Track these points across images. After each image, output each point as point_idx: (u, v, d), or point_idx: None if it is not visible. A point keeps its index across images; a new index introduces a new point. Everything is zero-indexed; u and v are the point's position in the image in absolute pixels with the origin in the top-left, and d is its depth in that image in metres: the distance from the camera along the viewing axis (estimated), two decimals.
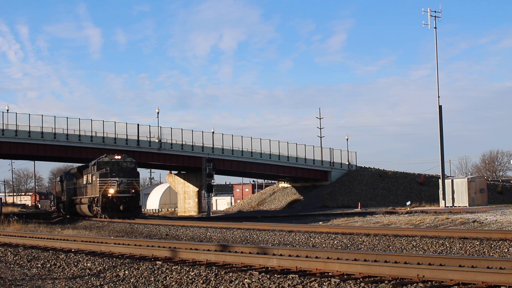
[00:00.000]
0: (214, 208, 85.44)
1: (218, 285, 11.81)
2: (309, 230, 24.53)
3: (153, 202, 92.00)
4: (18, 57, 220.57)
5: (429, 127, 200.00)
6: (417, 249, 18.49)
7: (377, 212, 43.35)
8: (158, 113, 61.94)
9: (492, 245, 17.50)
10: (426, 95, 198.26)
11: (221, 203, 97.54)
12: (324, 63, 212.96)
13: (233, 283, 11.69)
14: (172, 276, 12.82)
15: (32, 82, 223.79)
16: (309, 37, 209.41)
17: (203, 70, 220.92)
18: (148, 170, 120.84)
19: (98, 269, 14.45)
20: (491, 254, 16.86)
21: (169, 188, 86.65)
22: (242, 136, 66.10)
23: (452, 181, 51.02)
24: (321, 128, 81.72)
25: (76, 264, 15.40)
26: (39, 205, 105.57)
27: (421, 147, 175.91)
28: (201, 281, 12.16)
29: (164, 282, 12.61)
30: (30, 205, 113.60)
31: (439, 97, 50.74)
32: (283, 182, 77.49)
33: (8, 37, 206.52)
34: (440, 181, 50.88)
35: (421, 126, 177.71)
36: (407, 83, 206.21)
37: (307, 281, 11.04)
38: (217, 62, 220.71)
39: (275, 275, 11.68)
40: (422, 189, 67.57)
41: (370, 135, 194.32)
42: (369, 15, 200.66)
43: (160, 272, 13.22)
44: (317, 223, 34.84)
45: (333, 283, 10.72)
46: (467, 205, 48.94)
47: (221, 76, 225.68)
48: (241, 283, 11.59)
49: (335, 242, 21.24)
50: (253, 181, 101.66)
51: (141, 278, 13.11)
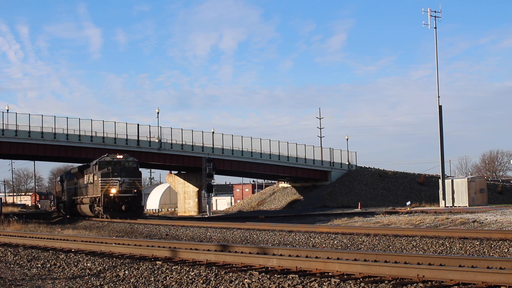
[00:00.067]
0: (214, 208, 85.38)
1: (218, 285, 11.81)
2: (309, 230, 24.53)
3: (153, 202, 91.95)
4: (18, 57, 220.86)
5: (429, 127, 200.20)
6: (417, 249, 18.49)
7: (377, 212, 43.35)
8: (158, 113, 61.99)
9: (492, 245, 17.50)
10: (426, 95, 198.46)
11: (221, 203, 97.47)
12: (324, 63, 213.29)
13: (233, 283, 11.69)
14: (172, 276, 12.83)
15: (32, 82, 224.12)
16: (309, 37, 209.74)
17: (203, 70, 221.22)
18: (148, 170, 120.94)
19: (98, 269, 14.46)
20: (491, 254, 16.86)
21: (169, 188, 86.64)
22: (242, 136, 66.13)
23: (452, 181, 51.02)
24: (321, 128, 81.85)
25: (76, 264, 15.40)
26: (39, 205, 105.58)
27: (421, 147, 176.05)
28: (201, 281, 12.16)
29: (164, 282, 12.62)
30: (30, 205, 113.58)
31: (439, 97, 50.78)
32: (283, 182, 77.47)
33: (8, 37, 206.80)
34: (440, 181, 50.87)
35: (421, 126, 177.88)
36: (407, 83, 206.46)
37: (307, 281, 11.04)
38: (217, 62, 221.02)
39: (275, 275, 11.68)
40: (422, 189, 67.56)
41: (370, 135, 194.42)
42: (369, 15, 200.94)
43: (160, 272, 13.23)
44: (317, 223, 34.84)
45: (333, 283, 10.72)
46: (467, 205, 48.93)
47: (221, 76, 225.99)
48: (241, 283, 11.59)
49: (335, 242, 21.24)
50: (253, 181, 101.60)
51: (141, 278, 13.12)
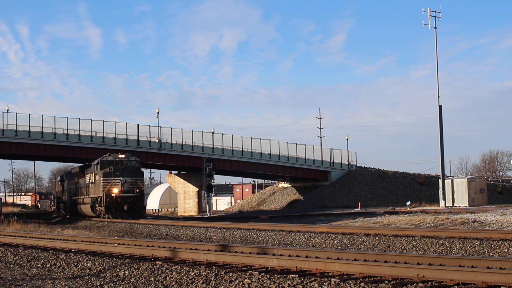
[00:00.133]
0: (214, 208, 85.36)
1: (218, 285, 11.81)
2: (309, 230, 24.53)
3: (153, 202, 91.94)
4: (18, 57, 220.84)
5: (429, 127, 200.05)
6: (417, 249, 18.49)
7: (377, 212, 43.34)
8: (158, 113, 62.00)
9: (492, 245, 17.50)
10: (426, 95, 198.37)
11: (221, 203, 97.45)
12: (324, 63, 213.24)
13: (233, 283, 11.69)
14: (172, 276, 12.83)
15: (32, 82, 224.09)
16: (309, 37, 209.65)
17: (203, 70, 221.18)
18: (148, 170, 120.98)
19: (98, 269, 14.46)
20: (491, 254, 16.86)
21: (169, 188, 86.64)
22: (242, 136, 66.12)
23: (452, 181, 51.01)
24: (321, 128, 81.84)
25: (76, 264, 15.40)
26: (39, 205, 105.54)
27: (421, 147, 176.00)
28: (201, 281, 12.16)
29: (164, 282, 12.61)
30: (30, 205, 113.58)
31: (439, 97, 50.76)
32: (283, 182, 77.47)
33: (8, 37, 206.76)
34: (440, 181, 50.86)
35: (421, 126, 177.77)
36: (407, 83, 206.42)
37: (307, 281, 11.04)
38: (217, 62, 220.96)
39: (275, 275, 11.68)
40: (422, 189, 67.56)
41: (370, 135, 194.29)
42: (369, 15, 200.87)
43: (160, 272, 13.23)
44: (317, 223, 34.84)
45: (333, 283, 10.72)
46: (467, 205, 48.93)
47: (221, 76, 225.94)
48: (241, 283, 11.59)
49: (335, 242, 21.24)
50: (253, 181, 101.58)
51: (141, 278, 13.11)
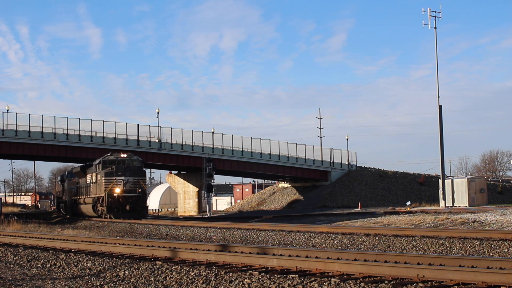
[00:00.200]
0: (214, 208, 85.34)
1: (218, 285, 11.81)
2: (309, 230, 24.53)
3: (153, 202, 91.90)
4: (18, 57, 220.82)
5: (429, 127, 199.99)
6: (417, 249, 18.49)
7: (377, 212, 43.34)
8: (158, 113, 61.98)
9: (492, 245, 17.50)
10: (426, 95, 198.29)
11: (221, 203, 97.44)
12: (324, 63, 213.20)
13: (233, 283, 11.69)
14: (172, 276, 12.82)
15: (32, 82, 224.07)
16: (309, 37, 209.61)
17: (203, 70, 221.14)
18: (148, 170, 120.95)
19: (98, 269, 14.45)
20: (491, 254, 16.86)
21: (169, 188, 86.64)
22: (242, 136, 66.09)
23: (452, 181, 51.00)
24: (321, 128, 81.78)
25: (76, 264, 15.40)
26: (39, 205, 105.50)
27: (421, 147, 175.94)
28: (201, 281, 12.16)
29: (164, 282, 12.61)
30: (30, 205, 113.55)
31: (439, 97, 50.74)
32: (283, 182, 77.45)
33: (8, 37, 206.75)
34: (440, 181, 50.85)
35: (421, 126, 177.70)
36: (407, 83, 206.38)
37: (307, 281, 11.04)
38: (217, 62, 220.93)
39: (275, 275, 11.68)
40: (422, 189, 67.54)
41: (370, 135, 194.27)
42: (369, 15, 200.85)
43: (160, 272, 13.22)
44: (317, 223, 34.83)
45: (333, 283, 10.72)
46: (467, 205, 48.92)
47: (221, 76, 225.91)
48: (241, 283, 11.58)
49: (335, 242, 21.24)
50: (253, 181, 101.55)
51: (141, 278, 13.11)
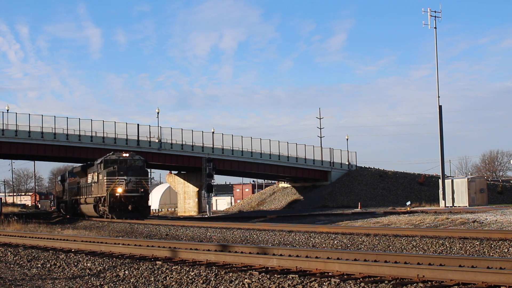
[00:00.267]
0: (214, 208, 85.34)
1: (218, 285, 11.81)
2: (309, 230, 24.53)
3: (153, 202, 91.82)
4: (18, 57, 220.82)
5: (429, 127, 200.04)
6: (417, 249, 18.49)
7: (377, 212, 43.34)
8: (158, 113, 62.01)
9: (492, 245, 17.49)
10: (426, 95, 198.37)
11: (221, 203, 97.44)
12: (324, 63, 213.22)
13: (233, 283, 11.68)
14: (172, 276, 12.82)
15: (32, 82, 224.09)
16: (309, 37, 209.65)
17: (203, 70, 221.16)
18: (148, 170, 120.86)
19: (98, 269, 14.45)
20: (491, 254, 16.86)
21: (169, 188, 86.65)
22: (242, 136, 66.10)
23: (452, 181, 51.00)
24: (321, 128, 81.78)
25: (76, 264, 15.40)
26: (39, 205, 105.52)
27: (421, 147, 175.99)
28: (201, 281, 12.16)
29: (164, 282, 12.61)
30: (30, 205, 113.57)
31: (439, 97, 50.75)
32: (283, 182, 77.45)
33: (8, 37, 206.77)
34: (440, 181, 50.86)
35: (421, 126, 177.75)
36: (407, 83, 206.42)
37: (307, 281, 11.03)
38: (217, 62, 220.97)
39: (275, 275, 11.68)
40: (422, 189, 67.54)
41: (370, 135, 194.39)
42: (369, 15, 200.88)
43: (160, 272, 13.22)
44: (317, 223, 34.83)
45: (333, 283, 10.72)
46: (467, 205, 48.92)
47: (221, 76, 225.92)
48: (241, 283, 11.58)
49: (335, 242, 21.24)
50: (253, 181, 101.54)
51: (141, 278, 13.11)
